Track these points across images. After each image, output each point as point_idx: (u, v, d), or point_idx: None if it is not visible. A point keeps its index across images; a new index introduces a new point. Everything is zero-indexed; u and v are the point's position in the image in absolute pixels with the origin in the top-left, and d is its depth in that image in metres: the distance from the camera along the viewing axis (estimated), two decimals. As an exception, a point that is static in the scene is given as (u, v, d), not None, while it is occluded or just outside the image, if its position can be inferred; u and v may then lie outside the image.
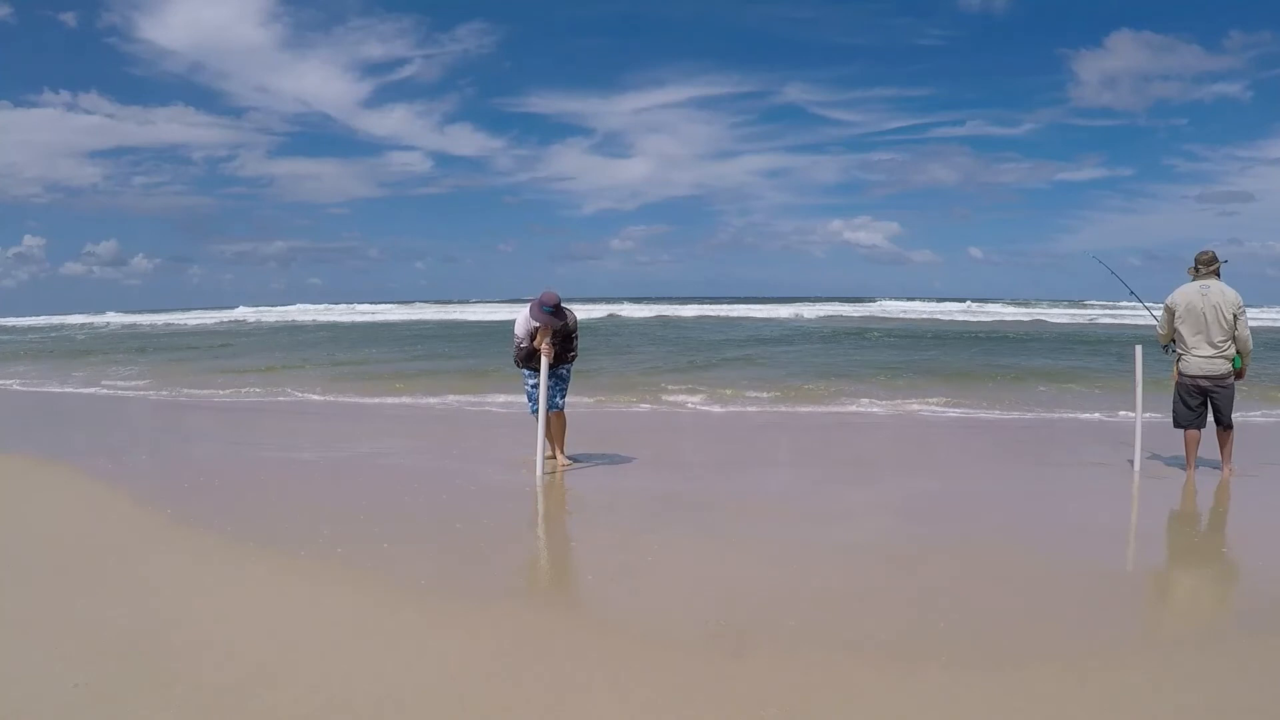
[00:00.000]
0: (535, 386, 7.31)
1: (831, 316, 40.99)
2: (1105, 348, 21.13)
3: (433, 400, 12.77)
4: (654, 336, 27.89)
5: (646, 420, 11.05)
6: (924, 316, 41.42)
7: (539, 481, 6.98)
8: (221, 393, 14.21)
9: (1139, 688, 3.14)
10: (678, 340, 26.00)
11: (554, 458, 7.47)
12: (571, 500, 6.68)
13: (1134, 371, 7.52)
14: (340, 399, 13.21)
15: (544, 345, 7.14)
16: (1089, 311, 43.92)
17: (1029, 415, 10.92)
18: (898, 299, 54.11)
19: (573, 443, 7.77)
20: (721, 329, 32.44)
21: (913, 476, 7.53)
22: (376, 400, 12.97)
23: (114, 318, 55.35)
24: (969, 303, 50.90)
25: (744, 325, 35.11)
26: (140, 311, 61.67)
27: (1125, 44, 67.14)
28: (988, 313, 44.11)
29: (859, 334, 28.37)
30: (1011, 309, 46.78)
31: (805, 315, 41.36)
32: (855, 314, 43.47)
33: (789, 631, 3.71)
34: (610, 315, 40.37)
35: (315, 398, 13.43)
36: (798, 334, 29.08)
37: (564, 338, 7.35)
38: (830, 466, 8.18)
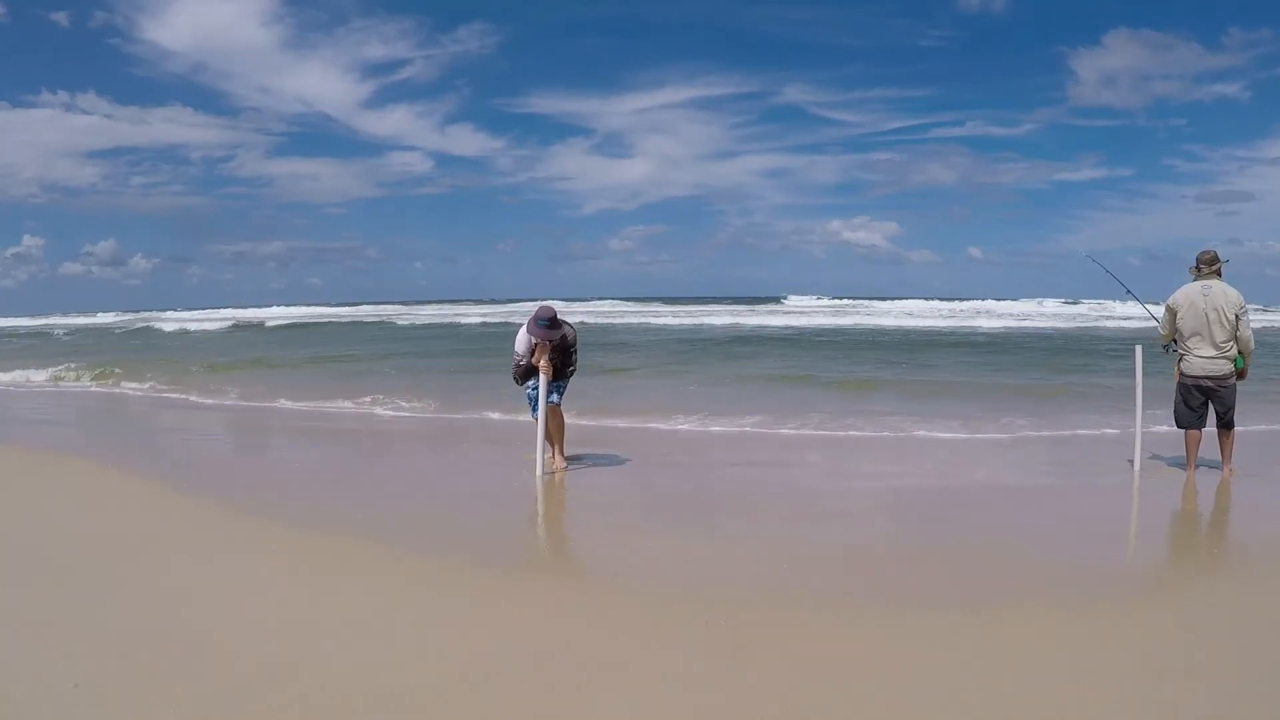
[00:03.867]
0: (535, 388, 7.31)
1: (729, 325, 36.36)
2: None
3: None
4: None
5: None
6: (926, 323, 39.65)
7: (539, 481, 6.98)
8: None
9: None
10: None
11: (553, 458, 7.46)
12: (571, 500, 6.68)
13: (1134, 372, 7.50)
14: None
15: (542, 361, 7.14)
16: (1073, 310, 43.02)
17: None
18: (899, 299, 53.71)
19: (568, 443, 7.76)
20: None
21: (910, 478, 7.52)
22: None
23: (59, 320, 53.51)
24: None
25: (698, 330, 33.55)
26: (101, 312, 60.35)
27: (1124, 42, 67.04)
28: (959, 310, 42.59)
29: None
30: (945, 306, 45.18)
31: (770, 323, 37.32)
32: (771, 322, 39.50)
33: (790, 629, 3.71)
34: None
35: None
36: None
37: (563, 352, 7.35)
38: (824, 467, 8.18)
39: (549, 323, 7.13)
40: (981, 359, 19.06)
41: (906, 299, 50.93)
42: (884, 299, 52.75)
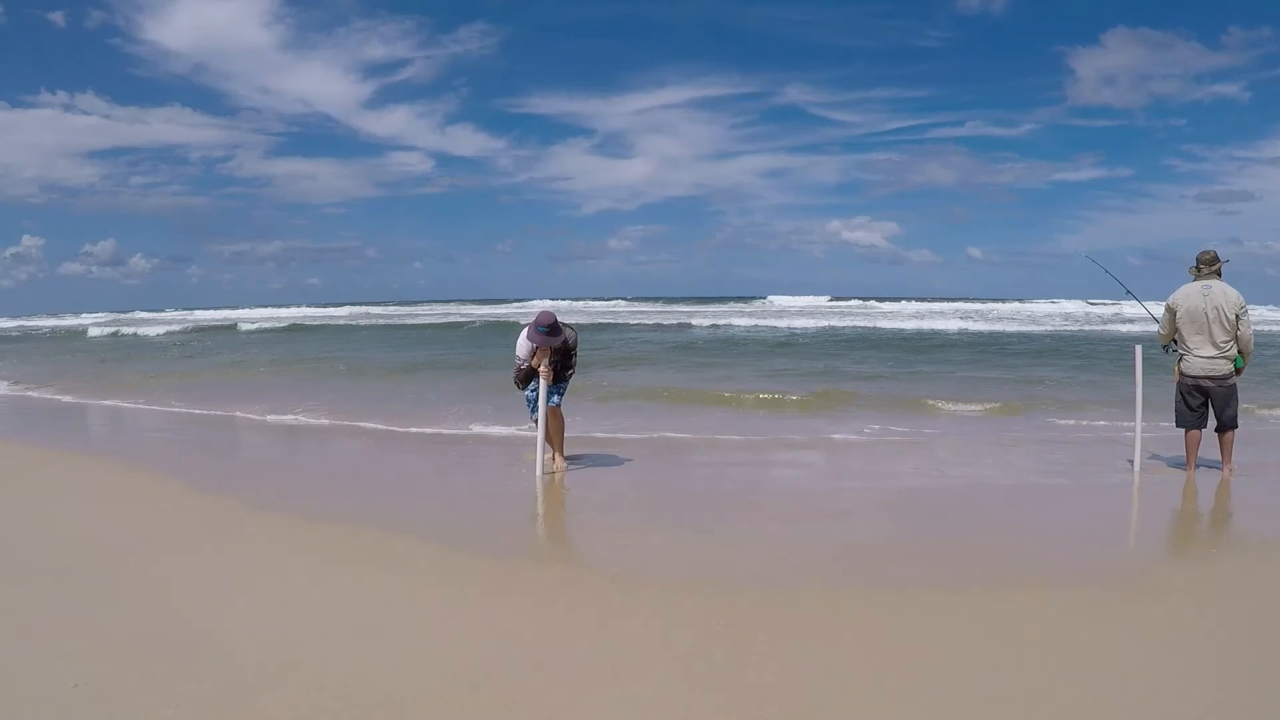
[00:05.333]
0: (535, 390, 7.31)
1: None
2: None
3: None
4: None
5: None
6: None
7: (539, 482, 6.97)
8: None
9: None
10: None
11: (553, 459, 7.46)
12: (571, 500, 6.67)
13: (1134, 372, 7.50)
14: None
15: (542, 367, 7.14)
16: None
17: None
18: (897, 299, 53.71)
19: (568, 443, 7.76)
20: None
21: (909, 477, 7.52)
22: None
23: (41, 322, 52.96)
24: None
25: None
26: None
27: (1123, 42, 67.13)
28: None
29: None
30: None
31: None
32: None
33: (789, 628, 3.71)
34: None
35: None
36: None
37: (563, 354, 7.35)
38: (821, 467, 8.18)
39: (549, 329, 7.12)
40: (935, 366, 17.65)
41: (911, 299, 51.15)
42: (883, 299, 52.93)
